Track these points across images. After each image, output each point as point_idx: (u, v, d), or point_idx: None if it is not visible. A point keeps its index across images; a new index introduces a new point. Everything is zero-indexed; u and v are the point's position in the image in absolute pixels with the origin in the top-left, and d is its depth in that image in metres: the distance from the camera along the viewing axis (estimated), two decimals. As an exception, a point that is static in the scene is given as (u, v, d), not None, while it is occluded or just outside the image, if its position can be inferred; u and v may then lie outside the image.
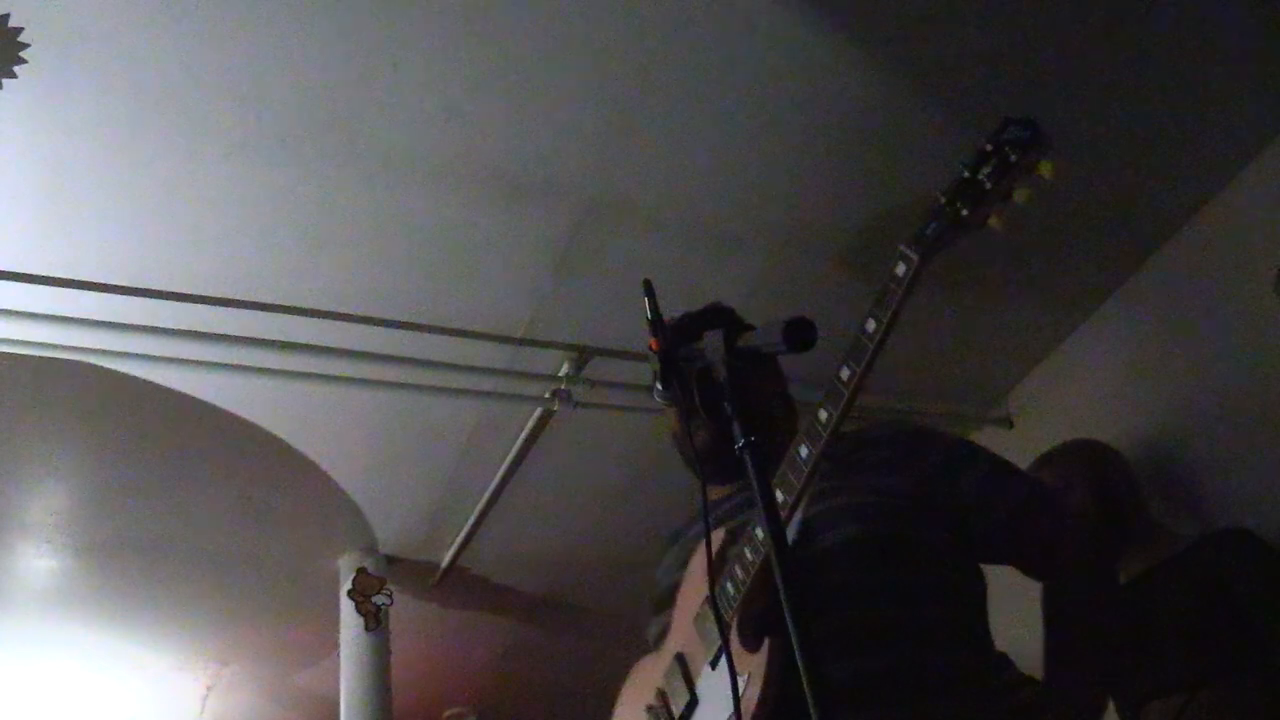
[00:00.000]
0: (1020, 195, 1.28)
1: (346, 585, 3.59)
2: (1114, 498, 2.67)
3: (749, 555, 1.41)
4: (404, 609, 3.76)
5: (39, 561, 3.42)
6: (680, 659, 1.55)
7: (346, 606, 3.57)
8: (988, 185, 1.28)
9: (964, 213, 1.30)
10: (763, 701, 1.33)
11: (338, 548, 3.66)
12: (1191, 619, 2.37)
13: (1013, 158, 1.26)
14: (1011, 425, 3.47)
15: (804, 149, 2.48)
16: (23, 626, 3.76)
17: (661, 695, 1.56)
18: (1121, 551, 2.61)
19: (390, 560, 3.70)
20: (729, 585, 1.44)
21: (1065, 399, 3.28)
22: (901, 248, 1.36)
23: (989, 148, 1.29)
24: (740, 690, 1.34)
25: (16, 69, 1.98)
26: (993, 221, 1.31)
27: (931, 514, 1.52)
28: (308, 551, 3.63)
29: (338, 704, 3.50)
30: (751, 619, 1.40)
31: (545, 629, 4.25)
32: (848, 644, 1.28)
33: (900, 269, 1.34)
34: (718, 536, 1.51)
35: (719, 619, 1.37)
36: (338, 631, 3.59)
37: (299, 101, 2.17)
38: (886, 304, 1.34)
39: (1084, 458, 2.74)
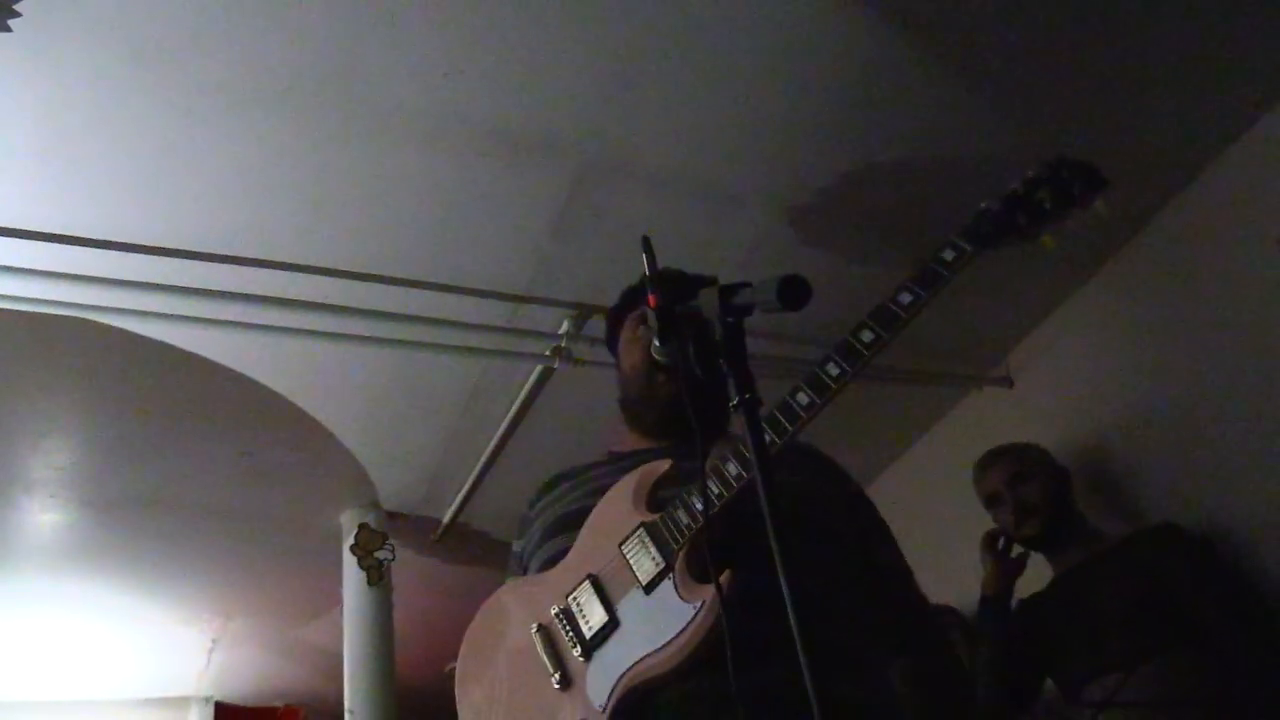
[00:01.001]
0: (1075, 222, 1.39)
1: (349, 541, 3.63)
2: (1067, 486, 2.84)
3: (714, 489, 1.44)
4: (406, 564, 3.79)
5: (43, 516, 3.45)
6: (595, 580, 1.54)
7: (349, 562, 3.61)
8: (1047, 205, 1.38)
9: (1021, 221, 1.40)
10: (713, 628, 1.36)
11: (340, 504, 3.69)
12: (1126, 605, 2.50)
13: (1075, 189, 1.38)
14: (1012, 385, 3.48)
15: (803, 108, 2.46)
16: (27, 581, 3.80)
17: (566, 614, 1.55)
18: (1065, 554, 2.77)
19: (392, 516, 3.74)
20: (681, 514, 1.47)
21: (1065, 360, 3.28)
22: (953, 237, 1.44)
23: (1045, 174, 1.40)
24: (690, 618, 1.39)
25: (10, 23, 1.97)
26: (1045, 239, 1.41)
27: (846, 517, 1.66)
28: (310, 507, 3.66)
29: (341, 657, 3.55)
30: (706, 549, 1.42)
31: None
32: (760, 606, 1.25)
33: (949, 255, 1.43)
34: (663, 466, 1.58)
35: (711, 547, 1.38)
36: (340, 586, 3.63)
37: (296, 58, 2.15)
38: (928, 284, 1.42)
39: (1038, 454, 2.89)
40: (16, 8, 1.95)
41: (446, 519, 3.81)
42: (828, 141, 2.56)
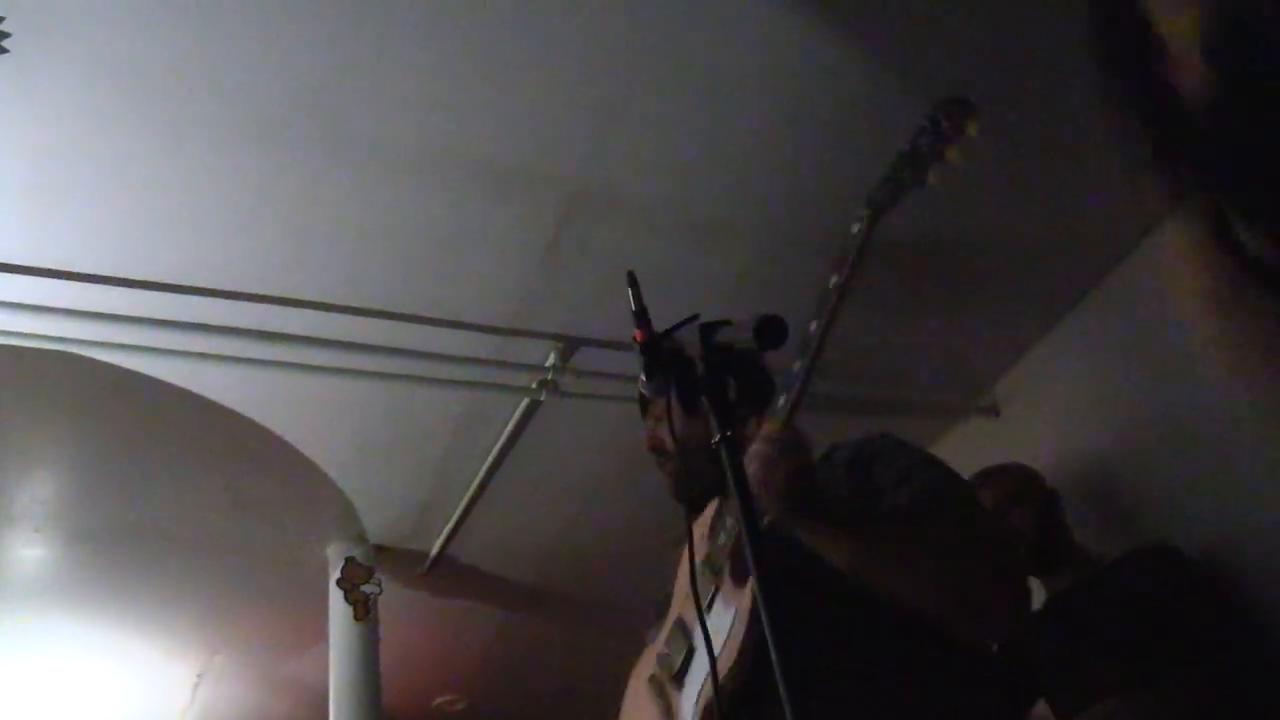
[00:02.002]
0: (952, 154, 1.43)
1: (335, 574, 3.59)
2: (1058, 513, 2.82)
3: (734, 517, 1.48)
4: (393, 598, 3.76)
5: (26, 551, 3.42)
6: (680, 622, 1.63)
7: (335, 595, 3.57)
8: (924, 149, 1.45)
9: (905, 174, 1.48)
10: (748, 634, 1.39)
11: (326, 537, 3.67)
12: (1119, 628, 2.50)
13: (944, 124, 1.43)
14: (998, 414, 3.49)
15: (790, 139, 2.48)
16: (11, 616, 3.77)
17: (662, 658, 1.63)
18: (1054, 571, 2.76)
19: (379, 549, 3.71)
20: (722, 536, 1.52)
21: (1052, 388, 3.29)
22: (858, 208, 1.53)
23: (925, 125, 1.46)
24: (729, 627, 1.43)
25: (-2, 58, 1.97)
26: (931, 179, 1.46)
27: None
28: (296, 541, 3.64)
29: (328, 692, 3.52)
30: (742, 557, 1.45)
31: (534, 616, 4.26)
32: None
33: (855, 227, 1.52)
34: (713, 505, 1.62)
35: (693, 576, 1.43)
36: (327, 620, 3.60)
37: (282, 92, 2.16)
38: (845, 259, 1.50)
39: (1030, 477, 2.88)
40: (3, 44, 1.96)
41: (434, 552, 3.79)
42: (815, 174, 2.58)
